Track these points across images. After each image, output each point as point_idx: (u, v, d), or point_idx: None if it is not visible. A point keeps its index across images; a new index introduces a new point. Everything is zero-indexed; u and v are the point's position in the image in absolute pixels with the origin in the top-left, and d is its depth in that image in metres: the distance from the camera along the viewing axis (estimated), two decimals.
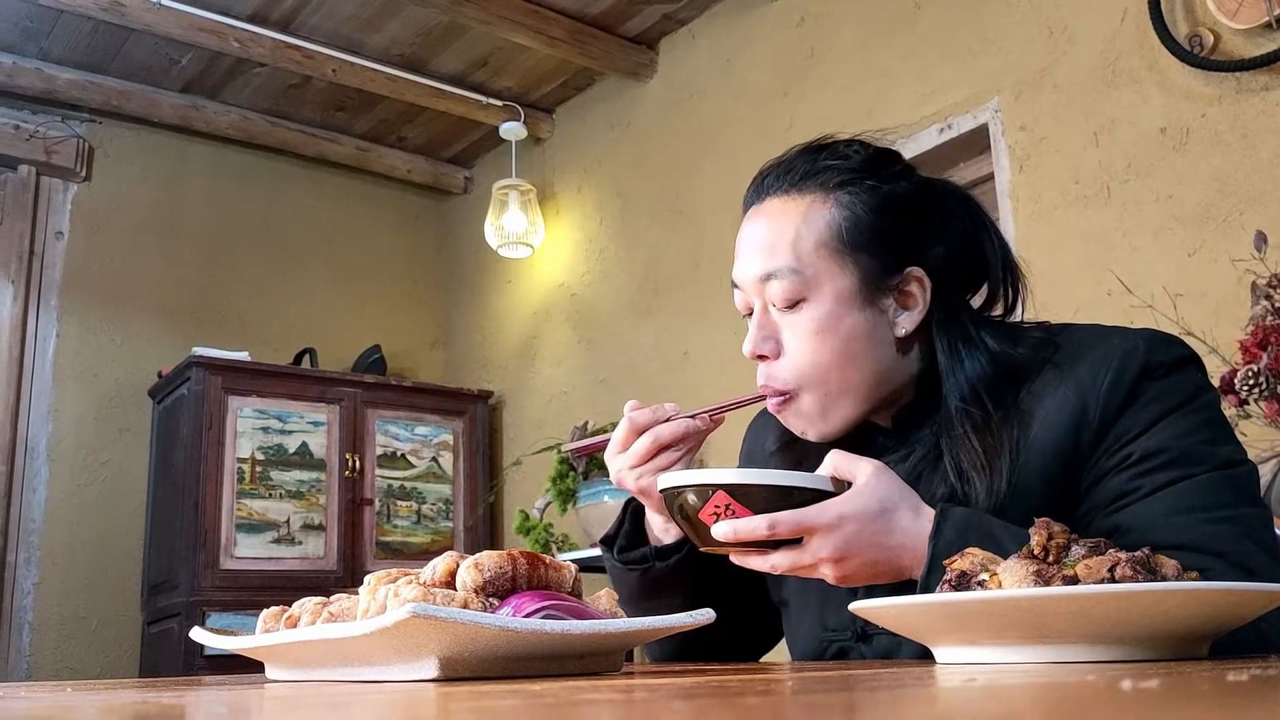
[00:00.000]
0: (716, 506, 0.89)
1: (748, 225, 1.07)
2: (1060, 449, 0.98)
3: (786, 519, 0.87)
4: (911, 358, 1.06)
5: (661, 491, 0.95)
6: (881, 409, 1.07)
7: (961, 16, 2.96)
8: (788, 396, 1.04)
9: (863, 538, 0.88)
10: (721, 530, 0.88)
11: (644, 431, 1.04)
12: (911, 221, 1.06)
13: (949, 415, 1.02)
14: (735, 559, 0.94)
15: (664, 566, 1.11)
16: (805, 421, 1.05)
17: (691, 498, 0.91)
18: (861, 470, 0.90)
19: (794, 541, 0.89)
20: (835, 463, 0.92)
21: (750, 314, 1.07)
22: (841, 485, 0.91)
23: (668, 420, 1.04)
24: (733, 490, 0.89)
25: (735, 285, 1.08)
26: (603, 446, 1.09)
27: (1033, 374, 1.02)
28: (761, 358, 1.05)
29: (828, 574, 0.90)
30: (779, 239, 1.03)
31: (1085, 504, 0.98)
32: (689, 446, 1.05)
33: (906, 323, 1.05)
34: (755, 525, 0.87)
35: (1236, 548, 0.89)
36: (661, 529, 1.13)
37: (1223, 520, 0.91)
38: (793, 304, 1.02)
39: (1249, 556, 0.89)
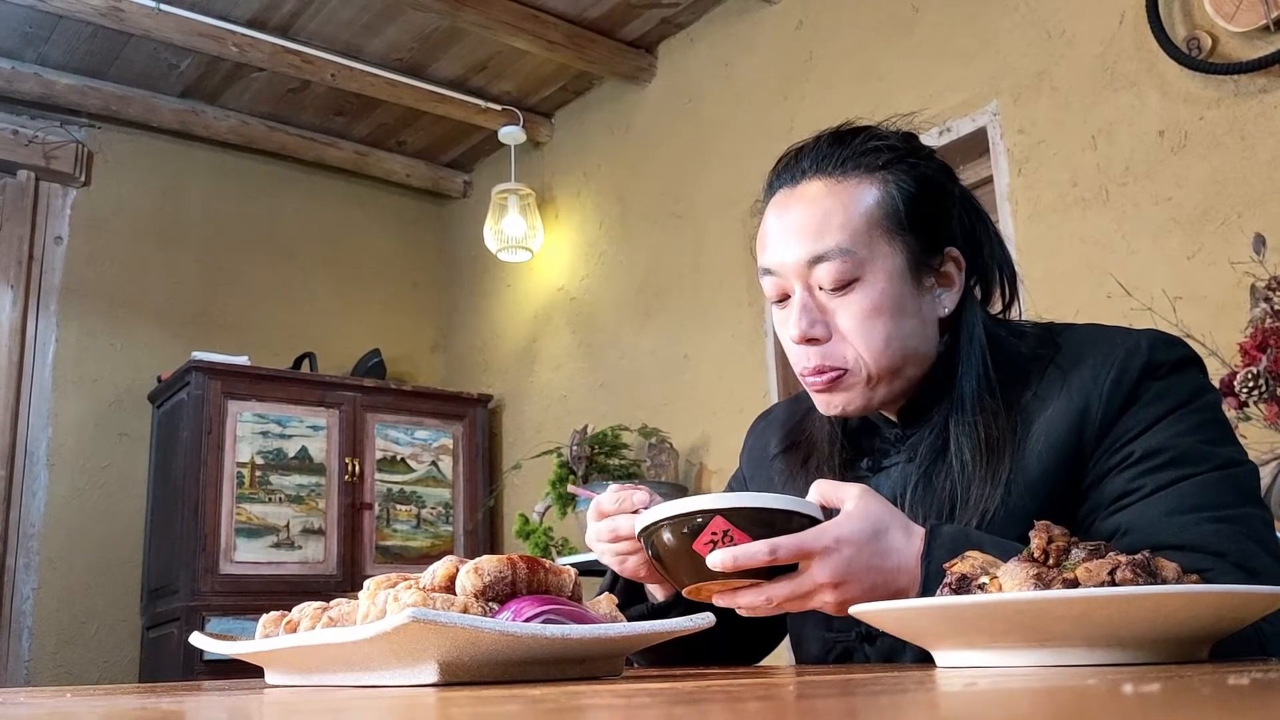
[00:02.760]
0: (714, 534, 0.85)
1: (782, 210, 1.05)
2: (1063, 448, 0.98)
3: (788, 543, 0.85)
4: (940, 340, 1.07)
5: (639, 534, 0.91)
6: (893, 399, 1.07)
7: (960, 20, 2.97)
8: (839, 375, 1.03)
9: (860, 560, 0.86)
10: (720, 558, 0.84)
11: (608, 516, 1.01)
12: (945, 201, 1.07)
13: (961, 399, 1.03)
14: (721, 600, 0.89)
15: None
16: (849, 397, 1.04)
17: (668, 535, 0.87)
18: (849, 495, 0.89)
19: (786, 571, 0.87)
20: (822, 490, 0.91)
21: (782, 299, 1.06)
22: (830, 514, 0.89)
23: (634, 512, 0.99)
24: (728, 515, 0.85)
25: (769, 271, 1.05)
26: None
27: (1036, 375, 1.03)
28: (812, 341, 1.03)
29: (828, 600, 0.87)
30: (826, 221, 1.01)
31: (1087, 503, 0.98)
32: None
33: (949, 302, 1.05)
34: (757, 550, 0.84)
35: (1238, 548, 0.89)
36: (653, 587, 1.11)
37: (1224, 520, 0.91)
38: (843, 285, 1.01)
39: (1250, 557, 0.89)
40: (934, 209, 1.05)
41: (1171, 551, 0.83)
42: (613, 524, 1.01)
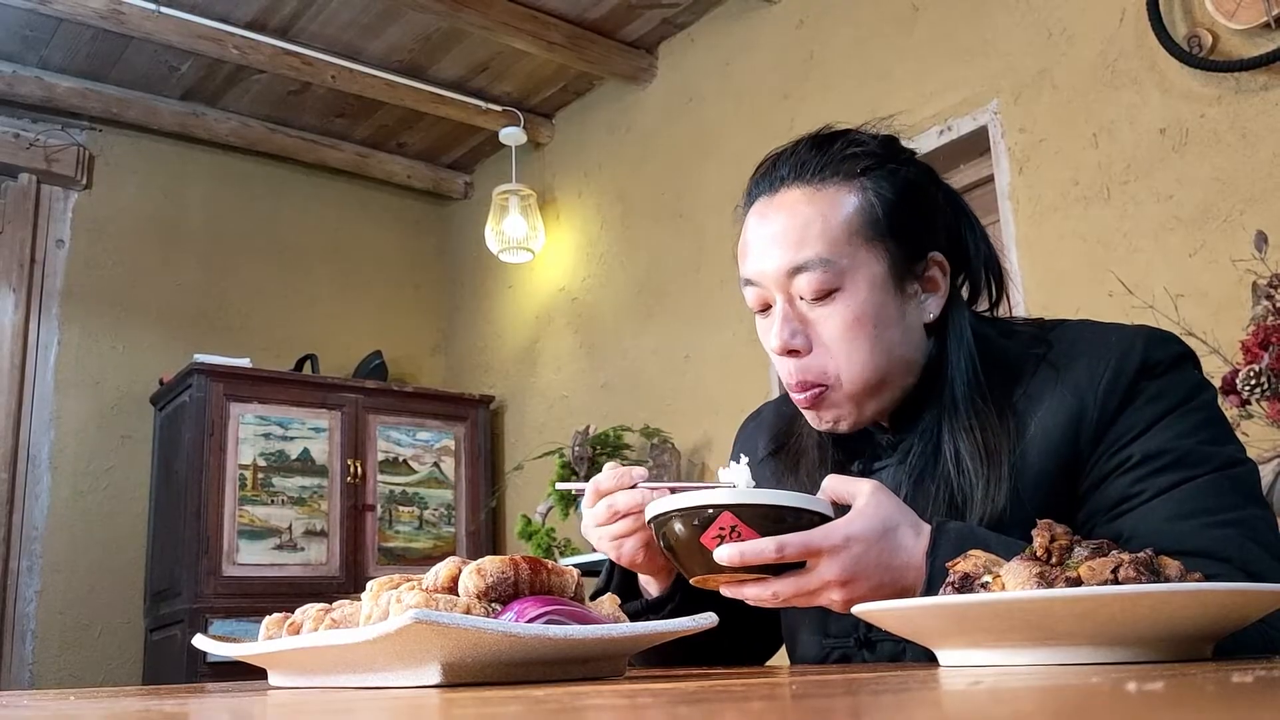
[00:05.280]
0: (721, 528, 0.85)
1: (761, 219, 1.03)
2: (1059, 450, 0.97)
3: (795, 541, 0.84)
4: (928, 346, 1.05)
5: (650, 521, 0.91)
6: (885, 411, 1.06)
7: (960, 18, 2.96)
8: (821, 390, 1.01)
9: (869, 559, 0.85)
10: (726, 553, 0.84)
11: (606, 495, 1.01)
12: (928, 205, 1.05)
13: (954, 402, 1.01)
14: (728, 591, 0.90)
15: (658, 619, 1.09)
16: (838, 413, 1.03)
17: (678, 526, 0.87)
18: (861, 491, 0.88)
19: (794, 568, 0.87)
20: (832, 486, 0.90)
21: (764, 309, 1.04)
22: (840, 510, 0.89)
23: (633, 487, 1.00)
24: (737, 511, 0.85)
25: (749, 282, 1.03)
26: None
27: (1027, 373, 1.01)
28: (793, 353, 1.01)
29: (835, 598, 0.87)
30: (805, 230, 0.99)
31: (1086, 508, 0.97)
32: None
33: (934, 307, 1.03)
34: (763, 548, 0.84)
35: (1242, 553, 0.88)
36: (648, 581, 1.10)
37: (1227, 524, 0.90)
38: (824, 295, 0.99)
39: (1254, 561, 0.88)
40: (916, 214, 1.03)
41: (1176, 557, 0.83)
42: (611, 501, 1.00)
